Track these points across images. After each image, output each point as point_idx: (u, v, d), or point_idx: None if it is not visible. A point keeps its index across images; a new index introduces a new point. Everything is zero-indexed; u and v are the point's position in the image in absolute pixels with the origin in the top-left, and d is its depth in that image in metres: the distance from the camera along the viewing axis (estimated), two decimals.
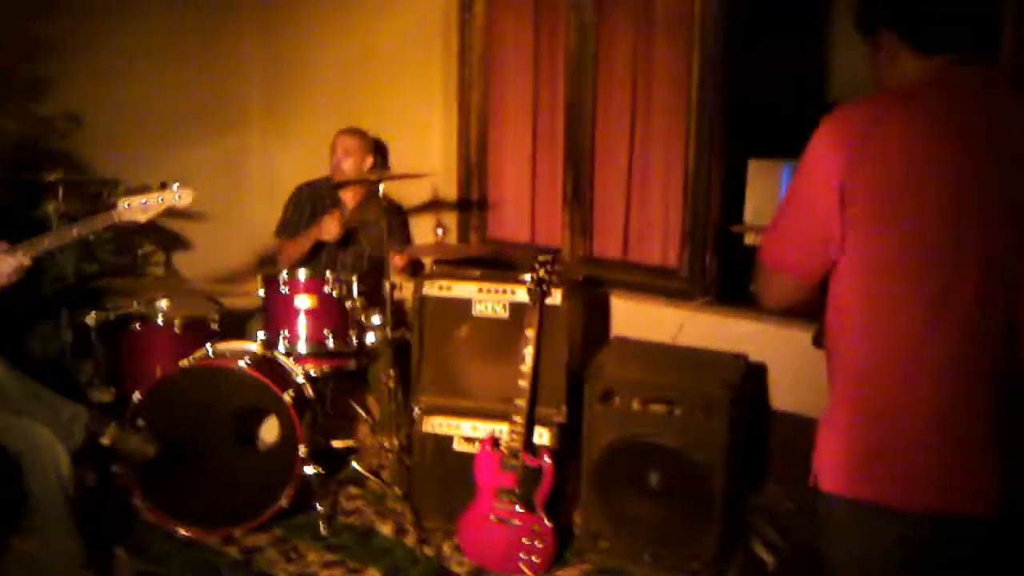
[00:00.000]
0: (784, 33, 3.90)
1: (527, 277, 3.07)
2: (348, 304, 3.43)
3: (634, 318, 3.68)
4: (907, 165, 1.53)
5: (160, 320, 3.46)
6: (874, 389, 1.60)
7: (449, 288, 3.28)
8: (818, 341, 1.74)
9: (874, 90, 1.72)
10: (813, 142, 1.59)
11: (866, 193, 1.54)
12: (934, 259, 1.53)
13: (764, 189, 3.29)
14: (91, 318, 3.41)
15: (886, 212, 1.54)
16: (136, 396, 3.12)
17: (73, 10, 3.98)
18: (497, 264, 3.77)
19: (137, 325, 3.46)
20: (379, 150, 4.21)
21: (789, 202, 1.66)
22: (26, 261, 2.84)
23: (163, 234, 4.43)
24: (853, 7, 1.75)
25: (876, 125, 1.55)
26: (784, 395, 3.31)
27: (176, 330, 3.46)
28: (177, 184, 3.04)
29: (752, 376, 3.26)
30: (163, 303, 3.50)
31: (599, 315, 3.74)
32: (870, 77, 1.74)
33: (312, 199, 4.00)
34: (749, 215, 3.35)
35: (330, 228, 3.74)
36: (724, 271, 3.57)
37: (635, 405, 3.00)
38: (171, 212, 3.09)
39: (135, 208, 2.99)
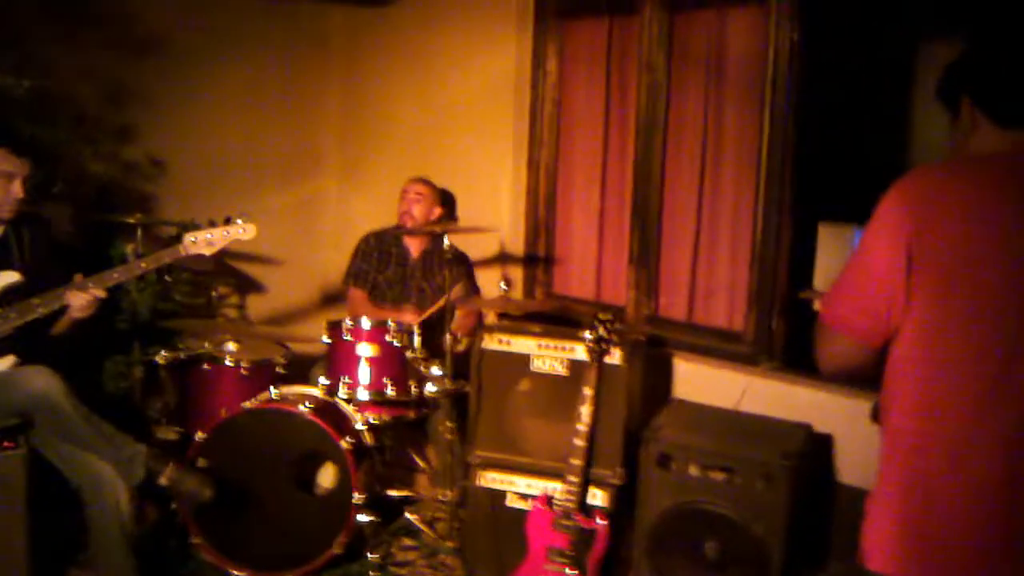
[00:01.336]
0: (862, 98, 3.85)
1: (587, 335, 3.05)
2: (409, 354, 3.46)
3: (696, 381, 3.61)
4: (974, 233, 1.51)
5: (228, 361, 3.52)
6: (924, 465, 1.54)
7: (508, 343, 3.27)
8: (876, 416, 1.68)
9: (948, 158, 1.71)
10: (883, 204, 1.58)
11: (932, 258, 1.52)
12: (995, 331, 1.49)
13: (834, 254, 3.22)
14: (161, 357, 3.48)
15: (950, 279, 1.52)
16: (199, 435, 3.18)
17: (160, 59, 4.15)
18: (562, 320, 3.76)
19: (206, 365, 3.52)
20: (447, 202, 4.27)
21: (854, 262, 1.64)
22: (99, 293, 2.93)
23: (238, 277, 4.55)
24: (937, 77, 1.74)
25: (946, 192, 1.54)
26: (851, 468, 3.19)
27: (243, 372, 3.51)
28: (241, 219, 3.12)
29: (816, 447, 3.15)
30: (231, 345, 3.56)
31: (661, 376, 3.69)
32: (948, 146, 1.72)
33: (379, 247, 4.07)
34: (818, 281, 3.28)
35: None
36: (791, 337, 3.48)
37: (693, 471, 2.93)
38: (236, 246, 3.17)
39: (201, 242, 3.07)
